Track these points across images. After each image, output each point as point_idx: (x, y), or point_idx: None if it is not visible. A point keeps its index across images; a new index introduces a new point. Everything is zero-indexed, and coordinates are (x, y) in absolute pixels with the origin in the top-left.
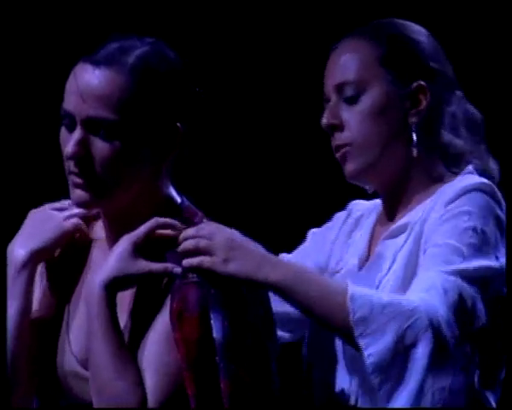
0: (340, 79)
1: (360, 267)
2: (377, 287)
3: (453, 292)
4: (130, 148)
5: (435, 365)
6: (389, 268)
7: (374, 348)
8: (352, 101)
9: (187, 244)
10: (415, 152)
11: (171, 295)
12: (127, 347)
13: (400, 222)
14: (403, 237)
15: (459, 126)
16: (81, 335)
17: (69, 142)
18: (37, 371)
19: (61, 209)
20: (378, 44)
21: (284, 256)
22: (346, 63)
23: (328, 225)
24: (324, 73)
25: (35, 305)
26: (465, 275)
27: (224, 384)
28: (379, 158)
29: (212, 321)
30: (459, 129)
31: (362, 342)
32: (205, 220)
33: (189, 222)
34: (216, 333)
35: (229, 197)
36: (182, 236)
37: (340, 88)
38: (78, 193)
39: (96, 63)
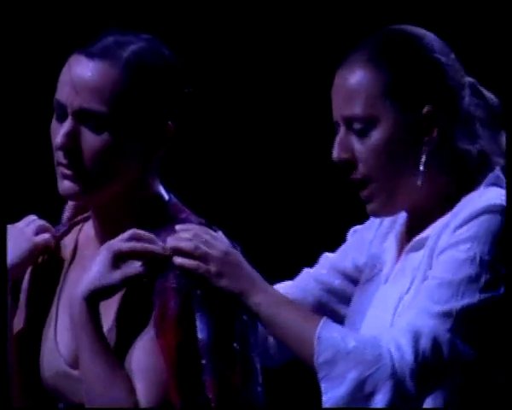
0: (347, 112)
1: (386, 279)
2: (398, 304)
3: (427, 339)
4: (120, 142)
5: None
6: (409, 286)
7: (332, 394)
8: (362, 134)
9: (184, 245)
10: (419, 180)
11: (153, 300)
12: (115, 355)
13: (421, 235)
14: (422, 252)
15: (475, 127)
16: (68, 336)
17: (59, 132)
18: (27, 378)
19: (33, 223)
20: (382, 72)
21: (326, 255)
22: (351, 96)
23: (367, 224)
24: (331, 93)
25: (18, 314)
26: (450, 315)
27: (210, 384)
28: (395, 195)
29: (196, 322)
30: (475, 130)
31: (323, 386)
32: (192, 218)
33: (175, 219)
34: (201, 334)
35: (221, 196)
36: (173, 241)
37: (348, 121)
38: (66, 184)
39: (91, 55)
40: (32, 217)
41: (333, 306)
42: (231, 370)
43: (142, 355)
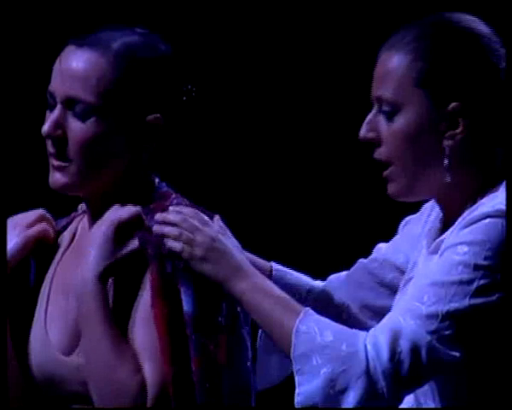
0: (378, 92)
1: (405, 283)
2: None
3: (406, 339)
4: (106, 131)
5: None
6: None
7: (304, 388)
8: (388, 117)
9: (169, 230)
10: (448, 177)
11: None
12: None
13: (441, 238)
14: (436, 256)
15: (500, 126)
16: (60, 324)
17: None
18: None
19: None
20: (418, 60)
21: (379, 247)
22: (384, 77)
23: (417, 216)
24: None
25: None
26: (435, 318)
27: (193, 357)
28: (414, 181)
29: (181, 295)
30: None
31: (296, 379)
32: (183, 200)
33: (165, 199)
34: (186, 306)
35: (216, 190)
36: (161, 216)
37: (378, 100)
38: (54, 176)
39: (81, 45)
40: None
41: (385, 299)
42: (215, 344)
43: (146, 334)
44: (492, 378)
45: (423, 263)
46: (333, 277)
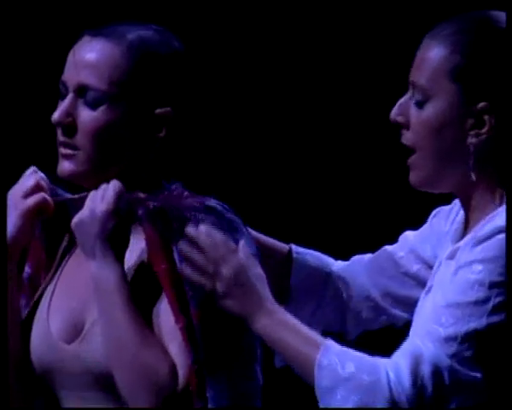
0: (413, 77)
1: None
2: None
3: (427, 364)
4: (115, 122)
5: None
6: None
7: None
8: (419, 104)
9: (196, 259)
10: (472, 177)
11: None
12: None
13: (458, 244)
14: (453, 262)
15: None
16: (62, 313)
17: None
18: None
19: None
20: (455, 53)
21: (406, 235)
22: (420, 64)
23: (447, 210)
24: None
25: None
26: (454, 340)
27: (194, 316)
28: (436, 174)
29: (174, 253)
30: None
31: None
32: (186, 193)
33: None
34: (179, 263)
35: (222, 188)
36: (190, 232)
37: (412, 85)
38: (63, 164)
39: (96, 35)
40: (29, 172)
41: (409, 289)
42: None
43: (166, 316)
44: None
45: (441, 270)
46: (356, 258)
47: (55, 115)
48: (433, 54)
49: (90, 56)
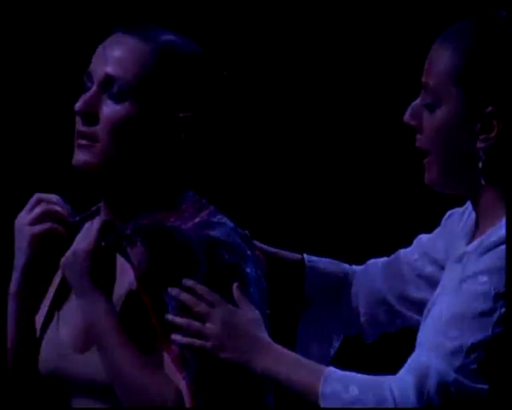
0: (423, 78)
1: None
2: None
3: (433, 379)
4: (137, 118)
5: None
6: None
7: None
8: (429, 108)
9: (178, 321)
10: (482, 181)
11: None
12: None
13: (466, 248)
14: (460, 267)
15: None
16: (74, 318)
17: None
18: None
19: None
20: (462, 58)
21: (420, 238)
22: (430, 66)
23: (460, 211)
24: None
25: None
26: (459, 352)
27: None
28: (448, 176)
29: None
30: None
31: None
32: (217, 215)
33: (198, 204)
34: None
35: (245, 191)
36: (191, 285)
37: (424, 87)
38: (78, 155)
39: (127, 32)
40: (34, 200)
41: (424, 291)
42: None
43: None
44: None
45: (447, 274)
46: (370, 262)
47: (78, 104)
48: (440, 58)
49: (120, 50)
